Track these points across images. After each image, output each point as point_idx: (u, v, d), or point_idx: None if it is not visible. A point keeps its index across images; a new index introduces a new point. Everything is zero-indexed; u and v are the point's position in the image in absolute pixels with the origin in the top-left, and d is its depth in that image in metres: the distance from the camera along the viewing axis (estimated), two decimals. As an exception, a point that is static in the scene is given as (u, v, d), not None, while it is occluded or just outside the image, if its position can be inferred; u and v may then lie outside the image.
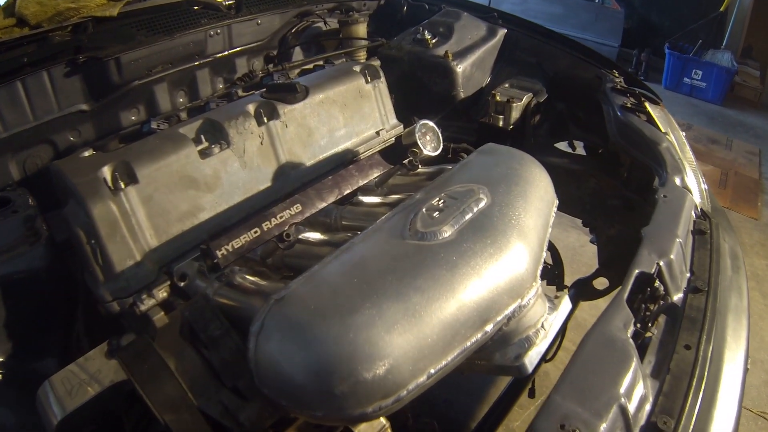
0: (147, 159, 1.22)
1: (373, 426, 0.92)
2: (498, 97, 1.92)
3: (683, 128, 2.12)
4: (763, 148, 5.09)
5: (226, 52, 1.86)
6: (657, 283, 1.30)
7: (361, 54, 2.09)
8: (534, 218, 1.06)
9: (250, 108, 1.39)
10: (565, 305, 1.11)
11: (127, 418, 1.01)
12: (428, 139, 1.59)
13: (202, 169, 1.27)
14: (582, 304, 2.31)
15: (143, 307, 1.14)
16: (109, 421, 1.01)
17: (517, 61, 2.20)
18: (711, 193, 1.85)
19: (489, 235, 0.97)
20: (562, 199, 1.33)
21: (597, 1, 6.63)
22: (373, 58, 2.01)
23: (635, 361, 1.04)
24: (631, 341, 1.08)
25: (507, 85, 2.06)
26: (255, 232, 1.14)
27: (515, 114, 1.94)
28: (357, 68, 1.66)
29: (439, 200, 1.07)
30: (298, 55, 2.16)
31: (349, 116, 1.60)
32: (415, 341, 0.82)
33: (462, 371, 0.98)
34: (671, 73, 5.90)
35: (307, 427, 0.96)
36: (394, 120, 1.74)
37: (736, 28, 5.87)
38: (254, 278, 1.16)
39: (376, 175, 1.49)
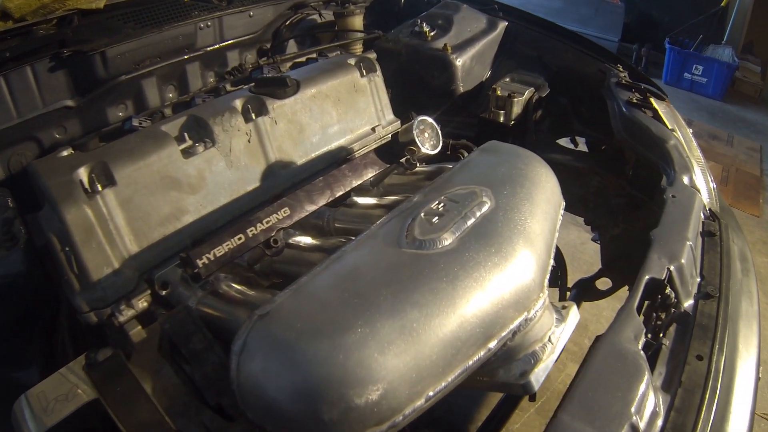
0: (126, 159, 1.15)
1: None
2: (499, 92, 1.88)
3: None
4: (764, 145, 5.05)
5: (217, 46, 1.81)
6: (668, 290, 1.24)
7: (357, 47, 2.04)
8: (541, 223, 0.98)
9: (237, 104, 1.32)
10: (573, 316, 1.04)
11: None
12: (427, 137, 1.51)
13: (185, 170, 1.20)
14: (583, 303, 2.24)
15: (122, 318, 1.08)
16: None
17: (518, 54, 2.17)
18: (718, 191, 1.81)
19: (493, 242, 0.90)
20: (564, 197, 1.28)
21: (597, -5, 6.56)
22: (370, 51, 1.94)
23: (647, 376, 0.99)
24: (642, 353, 1.04)
25: (508, 79, 2.01)
26: (239, 239, 1.06)
27: (517, 109, 1.89)
28: (352, 61, 1.59)
29: (438, 204, 0.99)
30: (292, 49, 2.10)
31: (343, 112, 1.53)
32: (412, 362, 0.74)
33: (462, 388, 0.92)
34: (671, 69, 5.85)
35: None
36: (390, 115, 1.67)
37: (737, 24, 5.84)
38: (241, 287, 1.09)
39: (370, 175, 1.42)
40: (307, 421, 0.72)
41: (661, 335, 1.17)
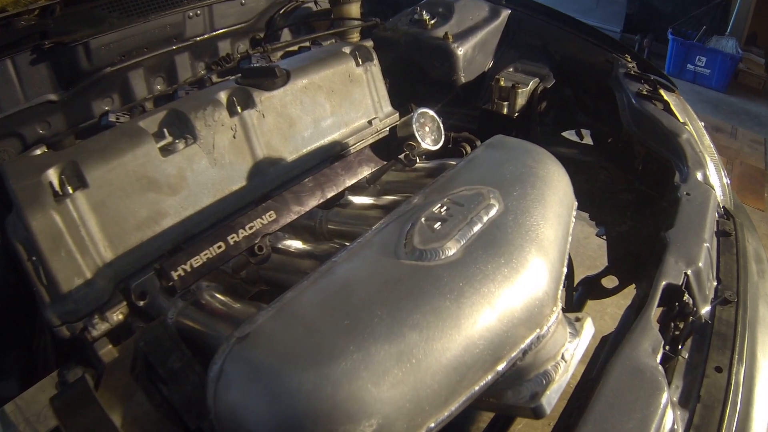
0: (98, 158, 1.06)
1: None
2: (502, 83, 1.82)
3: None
4: (768, 137, 4.98)
5: (207, 35, 1.74)
6: (686, 297, 1.16)
7: (354, 35, 1.96)
8: (554, 227, 0.89)
9: (222, 96, 1.22)
10: (588, 330, 0.95)
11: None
12: (427, 131, 1.41)
13: (164, 169, 1.11)
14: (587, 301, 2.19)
15: (95, 333, 1.00)
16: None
17: (522, 43, 2.11)
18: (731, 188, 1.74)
19: (503, 252, 0.80)
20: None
21: (599, -15, 6.46)
22: (366, 39, 1.85)
23: (666, 394, 0.93)
24: (661, 369, 0.98)
25: (511, 69, 1.96)
26: (219, 247, 0.96)
27: (521, 101, 1.83)
28: (346, 49, 1.49)
29: (441, 207, 0.89)
30: (287, 38, 2.02)
31: (337, 104, 1.44)
32: (410, 393, 0.65)
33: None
34: (674, 60, 5.80)
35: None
36: (388, 107, 1.58)
37: (741, 15, 5.79)
38: (225, 297, 1.00)
39: (365, 173, 1.32)
40: (293, 460, 0.63)
41: (679, 347, 1.10)
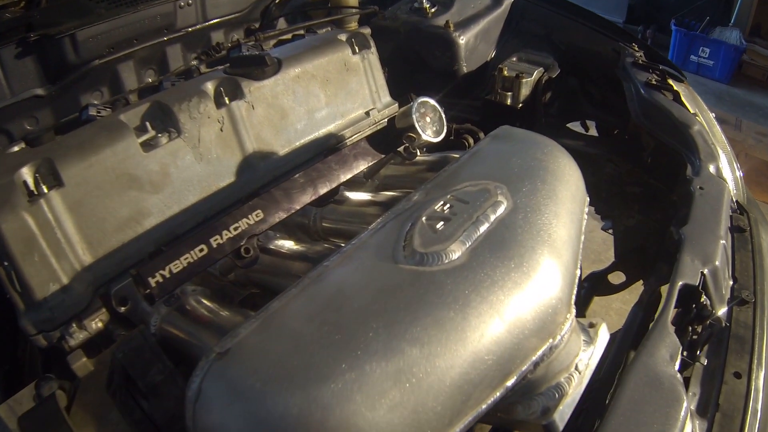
0: (75, 155, 0.98)
1: None
2: (505, 72, 1.77)
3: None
4: (772, 129, 4.91)
5: (200, 26, 1.68)
6: (703, 298, 1.10)
7: (352, 24, 1.89)
8: (567, 226, 0.82)
9: (208, 86, 1.15)
10: (603, 337, 0.88)
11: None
12: (428, 121, 1.33)
13: (146, 165, 1.04)
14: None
15: (73, 342, 0.93)
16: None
17: (525, 32, 2.06)
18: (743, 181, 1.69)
19: (513, 255, 0.73)
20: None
21: (600, -26, 6.35)
22: (364, 27, 1.77)
23: (685, 404, 0.86)
24: (680, 377, 0.91)
25: (515, 58, 1.91)
26: (201, 251, 0.89)
27: (525, 91, 1.79)
28: (342, 36, 1.41)
29: (444, 204, 0.82)
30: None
31: (332, 94, 1.37)
32: (410, 417, 0.58)
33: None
34: (677, 51, 5.76)
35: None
36: (387, 97, 1.51)
37: (745, 6, 5.74)
38: (211, 303, 0.93)
39: (362, 168, 1.25)
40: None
41: (698, 353, 1.03)
